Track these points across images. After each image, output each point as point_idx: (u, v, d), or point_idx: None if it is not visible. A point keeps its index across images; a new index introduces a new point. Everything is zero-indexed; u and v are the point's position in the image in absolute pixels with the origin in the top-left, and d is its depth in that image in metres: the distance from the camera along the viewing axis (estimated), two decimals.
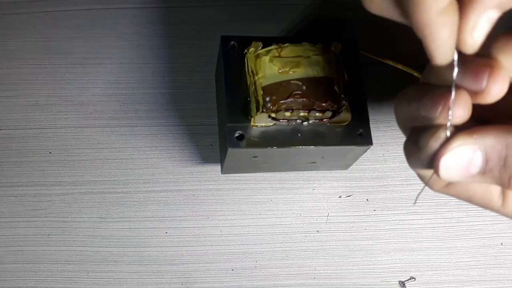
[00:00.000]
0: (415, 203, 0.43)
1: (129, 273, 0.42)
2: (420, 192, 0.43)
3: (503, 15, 0.20)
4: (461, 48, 0.20)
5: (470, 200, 0.25)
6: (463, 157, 0.22)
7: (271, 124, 0.34)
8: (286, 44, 0.34)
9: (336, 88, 0.34)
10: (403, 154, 0.26)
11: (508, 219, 0.26)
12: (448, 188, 0.25)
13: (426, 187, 0.26)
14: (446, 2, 0.19)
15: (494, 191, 0.25)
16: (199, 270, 0.42)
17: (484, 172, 0.22)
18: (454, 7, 0.19)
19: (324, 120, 0.34)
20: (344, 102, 0.34)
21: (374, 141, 0.35)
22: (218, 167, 0.43)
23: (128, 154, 0.44)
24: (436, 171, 0.23)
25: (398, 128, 0.27)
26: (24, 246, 0.42)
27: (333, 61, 0.34)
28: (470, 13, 0.19)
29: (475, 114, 0.22)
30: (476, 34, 0.20)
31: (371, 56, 0.41)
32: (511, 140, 0.21)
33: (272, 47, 0.34)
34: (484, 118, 0.24)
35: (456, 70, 0.21)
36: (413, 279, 0.43)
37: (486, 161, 0.22)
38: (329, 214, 0.43)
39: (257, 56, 0.34)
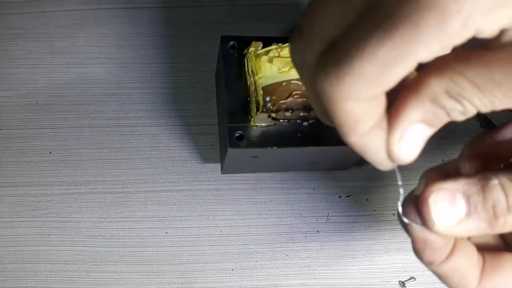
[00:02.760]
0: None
1: (129, 273, 0.41)
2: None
3: (439, 131, 0.21)
4: (391, 158, 0.21)
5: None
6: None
7: (271, 124, 0.34)
8: (286, 44, 0.34)
9: None
10: None
11: None
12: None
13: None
14: (365, 128, 0.20)
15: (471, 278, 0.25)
16: (199, 270, 0.42)
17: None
18: (379, 126, 0.20)
19: None
20: None
21: None
22: (218, 167, 0.43)
23: (128, 154, 0.44)
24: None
25: None
26: (24, 246, 0.42)
27: None
28: (394, 126, 0.20)
29: None
30: (403, 145, 0.21)
31: None
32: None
33: (272, 47, 0.34)
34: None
35: (399, 177, 0.23)
36: (413, 279, 0.43)
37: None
38: (329, 214, 0.43)
39: (257, 56, 0.34)
